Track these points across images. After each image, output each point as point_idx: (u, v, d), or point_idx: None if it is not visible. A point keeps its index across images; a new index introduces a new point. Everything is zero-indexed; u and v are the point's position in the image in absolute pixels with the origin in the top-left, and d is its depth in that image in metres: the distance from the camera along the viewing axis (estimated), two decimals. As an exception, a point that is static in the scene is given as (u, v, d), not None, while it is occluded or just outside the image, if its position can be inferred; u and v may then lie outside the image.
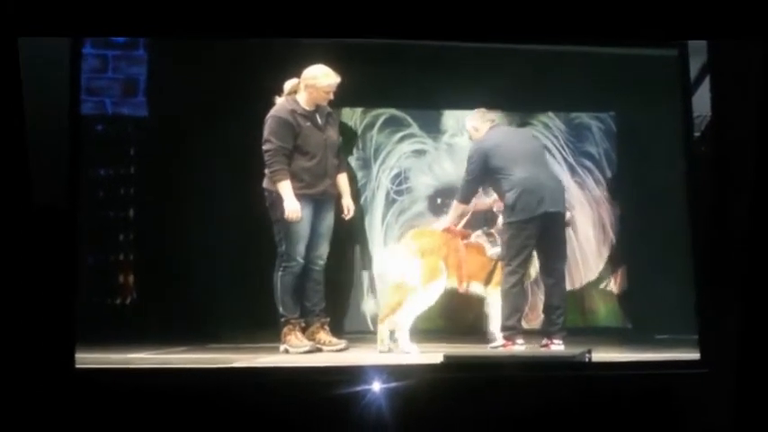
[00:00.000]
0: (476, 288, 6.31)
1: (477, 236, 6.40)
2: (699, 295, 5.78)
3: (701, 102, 5.97)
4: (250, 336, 6.27)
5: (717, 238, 5.71)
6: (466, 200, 6.36)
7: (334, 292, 6.39)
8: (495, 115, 6.33)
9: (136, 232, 6.41)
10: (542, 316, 6.31)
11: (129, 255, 6.36)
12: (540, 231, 6.13)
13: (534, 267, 6.29)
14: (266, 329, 6.25)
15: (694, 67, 6.03)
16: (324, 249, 6.25)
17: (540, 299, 6.41)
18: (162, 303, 6.26)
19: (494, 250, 6.31)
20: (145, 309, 6.30)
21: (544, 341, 6.17)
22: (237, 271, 6.39)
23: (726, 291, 5.59)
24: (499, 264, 6.27)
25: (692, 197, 5.90)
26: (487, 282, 6.32)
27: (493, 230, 6.38)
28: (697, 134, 6.02)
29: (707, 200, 5.81)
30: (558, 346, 6.12)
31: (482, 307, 6.34)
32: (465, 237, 6.36)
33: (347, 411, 5.32)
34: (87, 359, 5.50)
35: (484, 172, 6.24)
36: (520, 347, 6.11)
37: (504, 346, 6.13)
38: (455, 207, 6.39)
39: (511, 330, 6.13)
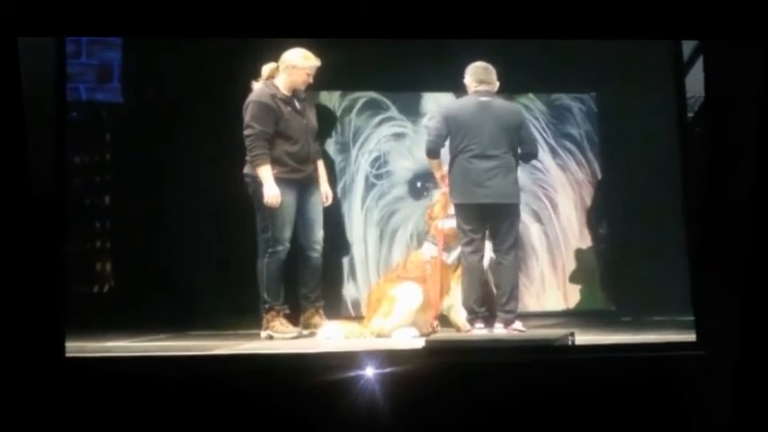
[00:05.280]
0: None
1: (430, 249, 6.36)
2: (694, 276, 5.79)
3: (692, 82, 5.97)
4: (230, 322, 6.25)
5: (712, 218, 5.71)
6: (430, 155, 6.26)
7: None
8: (492, 78, 6.19)
9: (113, 219, 6.36)
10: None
11: (107, 242, 6.32)
12: (485, 217, 6.13)
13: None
14: (246, 316, 6.24)
15: (686, 48, 6.06)
16: (318, 234, 6.24)
17: (521, 281, 6.41)
18: (140, 291, 6.21)
19: (452, 255, 6.30)
20: (123, 297, 6.24)
21: (497, 326, 6.12)
22: (216, 258, 6.39)
23: (720, 271, 5.60)
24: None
25: (686, 177, 5.90)
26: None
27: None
28: (690, 114, 6.02)
29: (701, 180, 5.81)
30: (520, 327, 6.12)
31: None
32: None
33: (334, 397, 5.32)
34: (68, 348, 5.45)
35: (445, 134, 6.17)
36: (480, 331, 6.10)
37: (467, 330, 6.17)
38: (431, 164, 6.33)
39: (470, 314, 6.14)
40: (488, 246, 6.20)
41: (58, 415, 5.27)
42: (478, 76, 6.19)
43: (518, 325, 6.10)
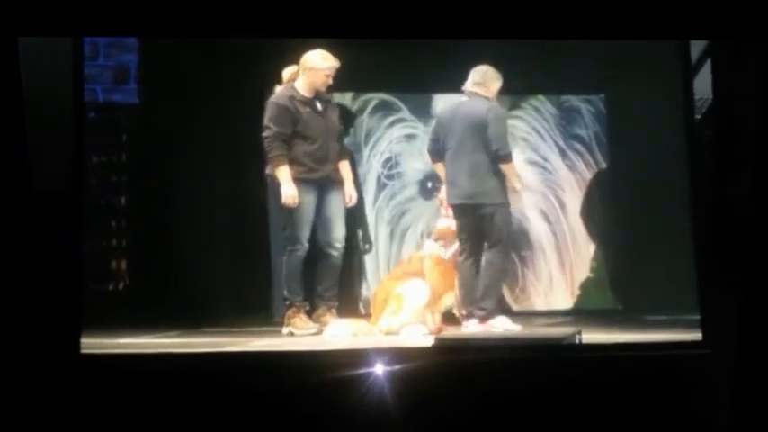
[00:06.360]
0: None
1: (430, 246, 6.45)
2: (700, 275, 5.84)
3: (700, 84, 6.04)
4: (242, 320, 6.32)
5: (719, 219, 5.74)
6: (433, 160, 6.44)
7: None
8: (489, 82, 6.27)
9: (128, 219, 6.43)
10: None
11: (122, 241, 6.39)
12: (464, 217, 6.27)
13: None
14: (259, 314, 6.36)
15: (694, 50, 6.11)
16: (338, 233, 6.36)
17: (529, 280, 6.52)
18: (154, 289, 6.27)
19: (449, 251, 6.38)
20: (137, 294, 6.31)
21: (472, 322, 6.21)
22: (229, 256, 6.44)
23: (727, 271, 5.63)
24: None
25: (694, 178, 5.95)
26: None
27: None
28: (697, 116, 6.06)
29: (708, 181, 5.84)
30: (501, 325, 6.18)
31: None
32: None
33: (343, 394, 5.37)
34: (83, 344, 5.55)
35: (435, 136, 6.38)
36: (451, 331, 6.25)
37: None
38: (435, 168, 6.49)
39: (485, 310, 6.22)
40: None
41: (72, 410, 5.33)
42: (475, 77, 6.26)
43: (496, 322, 6.17)
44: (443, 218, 6.41)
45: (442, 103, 6.59)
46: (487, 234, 6.21)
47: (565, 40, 6.07)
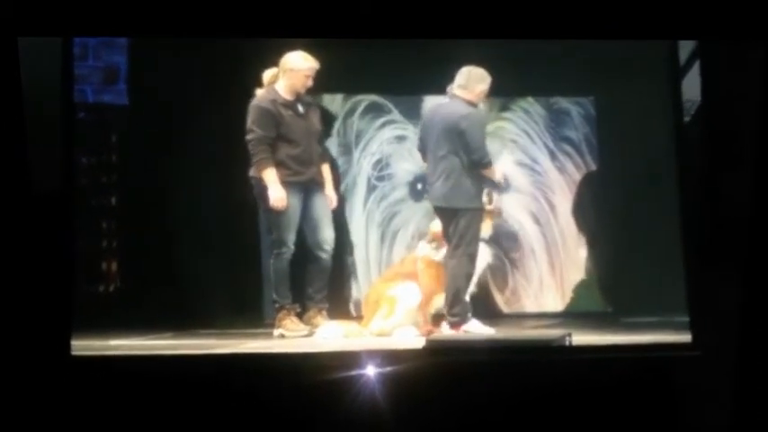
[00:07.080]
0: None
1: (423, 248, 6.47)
2: (690, 278, 5.87)
3: (689, 86, 6.06)
4: (234, 321, 6.31)
5: (708, 221, 5.77)
6: (423, 158, 6.43)
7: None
8: (473, 85, 6.26)
9: (119, 219, 6.42)
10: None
11: (113, 242, 6.37)
12: (440, 219, 6.30)
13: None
14: (250, 315, 6.36)
15: (683, 51, 6.13)
16: (327, 235, 6.35)
17: (519, 282, 6.54)
18: (147, 290, 6.26)
19: (440, 253, 6.38)
20: (128, 295, 6.29)
21: (445, 328, 6.22)
22: (221, 257, 6.41)
23: (716, 273, 5.65)
24: None
25: (682, 180, 5.99)
26: None
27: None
28: (686, 118, 6.08)
29: (697, 183, 5.86)
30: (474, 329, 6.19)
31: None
32: None
33: (334, 396, 5.40)
34: (74, 346, 5.56)
35: (422, 140, 6.39)
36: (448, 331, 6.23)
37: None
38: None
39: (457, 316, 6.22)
40: (484, 248, 6.33)
41: (63, 413, 5.35)
42: (458, 80, 6.26)
43: (468, 327, 6.18)
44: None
45: (430, 103, 6.58)
46: (453, 238, 6.22)
47: (554, 42, 6.11)
